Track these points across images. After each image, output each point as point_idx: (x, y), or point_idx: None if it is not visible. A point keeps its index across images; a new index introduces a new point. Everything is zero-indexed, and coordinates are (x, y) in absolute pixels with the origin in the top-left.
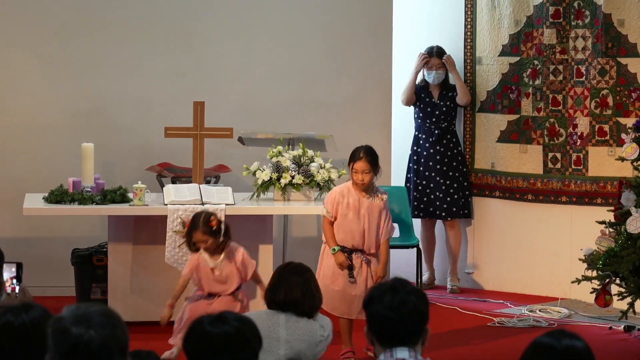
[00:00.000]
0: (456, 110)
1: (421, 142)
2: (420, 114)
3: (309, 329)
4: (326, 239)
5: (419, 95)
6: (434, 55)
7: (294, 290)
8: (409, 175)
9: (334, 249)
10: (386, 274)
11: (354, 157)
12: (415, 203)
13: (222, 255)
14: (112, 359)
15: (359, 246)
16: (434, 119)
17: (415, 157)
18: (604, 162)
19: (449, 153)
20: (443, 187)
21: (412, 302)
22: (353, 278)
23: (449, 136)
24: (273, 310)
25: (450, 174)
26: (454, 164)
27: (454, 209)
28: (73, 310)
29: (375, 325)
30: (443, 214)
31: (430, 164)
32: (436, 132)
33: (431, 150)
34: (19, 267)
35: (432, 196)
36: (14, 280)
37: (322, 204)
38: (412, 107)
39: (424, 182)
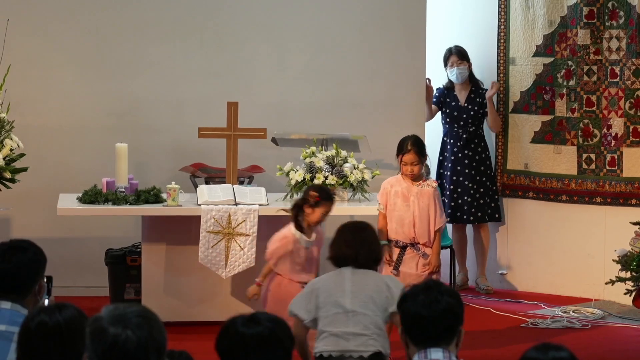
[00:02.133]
0: (484, 114)
1: (448, 147)
2: (447, 119)
3: (374, 279)
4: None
5: (444, 99)
6: (453, 53)
7: (348, 247)
8: (439, 181)
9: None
10: (439, 265)
11: (402, 149)
12: (447, 209)
13: (314, 235)
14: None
15: (410, 236)
16: (461, 123)
17: (444, 163)
18: (639, 163)
19: (477, 157)
20: (471, 192)
21: (446, 301)
22: (396, 271)
23: (476, 140)
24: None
25: (478, 178)
26: (482, 168)
27: (480, 214)
28: (111, 311)
29: (408, 323)
30: (471, 218)
31: (459, 168)
32: (464, 136)
33: (459, 155)
34: (49, 280)
35: (460, 201)
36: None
37: (355, 205)
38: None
39: (452, 187)
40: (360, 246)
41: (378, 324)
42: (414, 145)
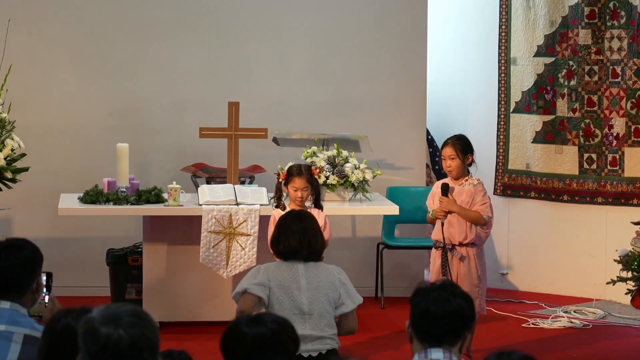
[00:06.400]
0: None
1: None
2: None
3: (327, 275)
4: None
5: None
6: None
7: (291, 239)
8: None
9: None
10: (448, 208)
11: (442, 145)
12: None
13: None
14: (143, 358)
15: (452, 235)
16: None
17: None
18: None
19: None
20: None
21: (458, 303)
22: (445, 275)
23: None
24: (282, 260)
25: None
26: None
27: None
28: (102, 311)
29: (416, 317)
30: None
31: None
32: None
33: None
34: (49, 276)
35: None
36: (45, 289)
37: (356, 205)
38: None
39: None
40: (310, 237)
41: (333, 324)
42: (452, 138)
